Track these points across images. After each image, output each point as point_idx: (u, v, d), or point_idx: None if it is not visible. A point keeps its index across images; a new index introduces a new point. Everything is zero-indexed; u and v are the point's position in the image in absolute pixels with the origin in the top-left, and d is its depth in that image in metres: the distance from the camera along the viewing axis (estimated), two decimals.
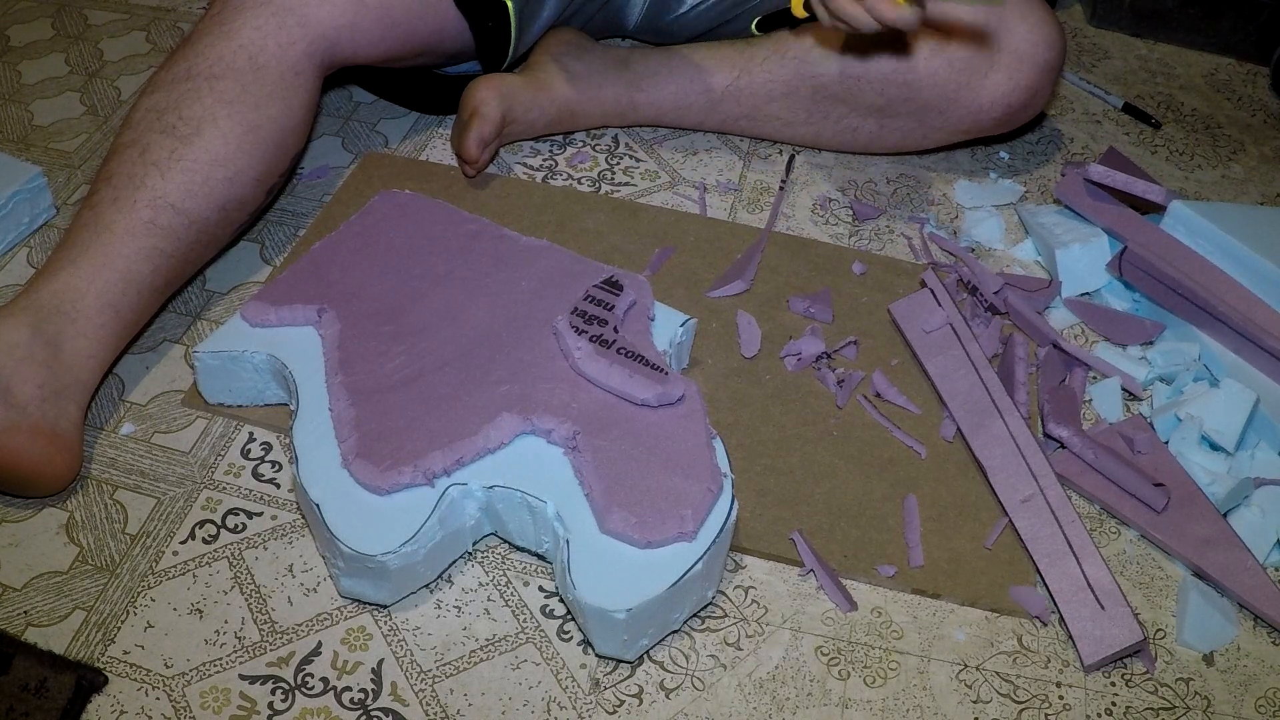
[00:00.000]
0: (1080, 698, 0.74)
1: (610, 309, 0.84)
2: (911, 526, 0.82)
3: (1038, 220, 1.05)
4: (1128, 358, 0.95)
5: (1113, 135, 1.23)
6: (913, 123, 1.08)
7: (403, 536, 0.72)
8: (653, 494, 0.73)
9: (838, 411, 0.89)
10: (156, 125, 0.88)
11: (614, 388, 0.79)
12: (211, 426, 0.87)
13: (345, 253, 0.90)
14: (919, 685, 0.74)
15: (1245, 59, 1.36)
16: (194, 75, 0.89)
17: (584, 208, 1.06)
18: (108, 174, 0.88)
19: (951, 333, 0.93)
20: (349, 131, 1.15)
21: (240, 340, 0.84)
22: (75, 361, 0.81)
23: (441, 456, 0.75)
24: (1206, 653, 0.77)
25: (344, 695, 0.72)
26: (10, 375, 0.77)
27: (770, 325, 0.95)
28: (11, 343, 0.79)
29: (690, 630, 0.76)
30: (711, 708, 0.72)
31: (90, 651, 0.73)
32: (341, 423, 0.78)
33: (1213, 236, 0.93)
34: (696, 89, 1.11)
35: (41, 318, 0.80)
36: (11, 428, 0.76)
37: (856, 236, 1.07)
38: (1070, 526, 0.80)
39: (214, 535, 0.80)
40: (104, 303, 0.83)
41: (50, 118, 1.15)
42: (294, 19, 0.92)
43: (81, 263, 0.83)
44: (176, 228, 0.86)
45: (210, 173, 0.87)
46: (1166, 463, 0.86)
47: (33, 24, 1.28)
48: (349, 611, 0.76)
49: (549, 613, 0.77)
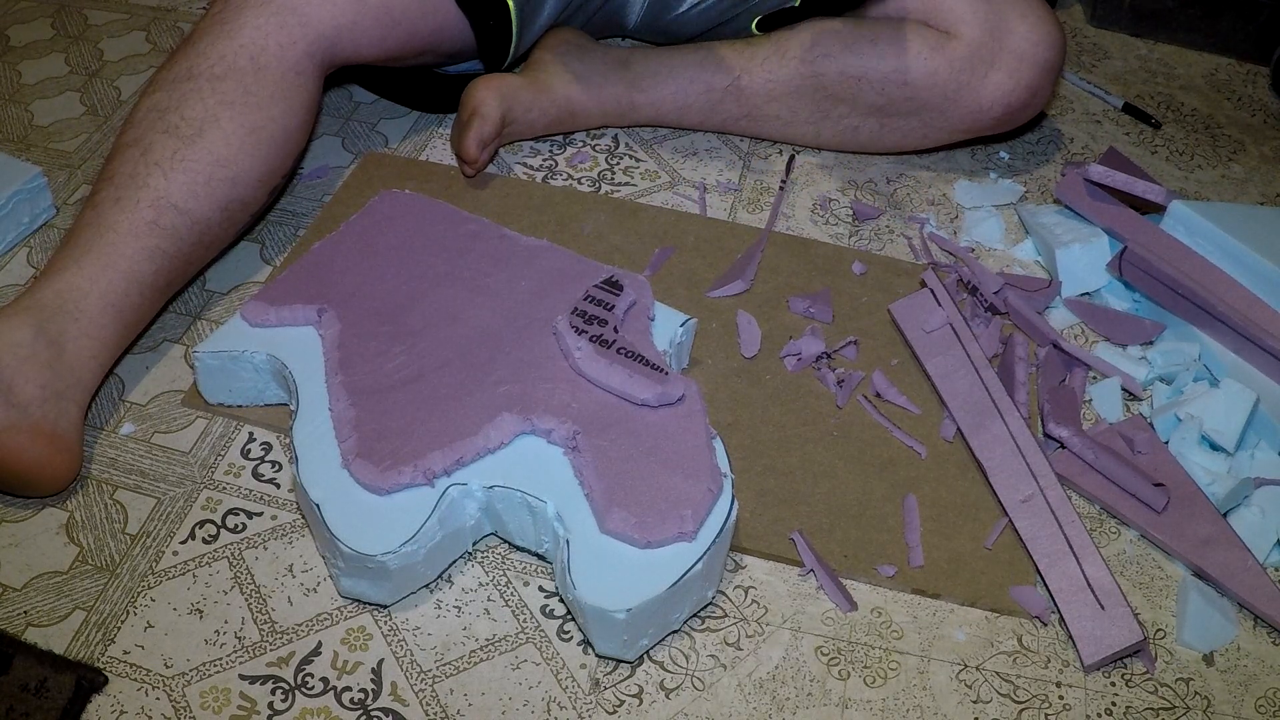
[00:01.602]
0: (1080, 698, 0.74)
1: (610, 309, 0.84)
2: (911, 526, 0.82)
3: (1038, 220, 1.05)
4: (1128, 358, 0.95)
5: (1113, 135, 1.23)
6: (913, 122, 1.08)
7: (403, 536, 0.72)
8: (653, 494, 0.73)
9: (838, 411, 0.89)
10: (158, 125, 0.88)
11: (614, 388, 0.79)
12: (211, 426, 0.87)
13: (345, 253, 0.90)
14: (919, 685, 0.74)
15: (1245, 59, 1.36)
16: (196, 75, 0.89)
17: (584, 208, 1.06)
18: (110, 174, 0.88)
19: (951, 333, 0.93)
20: (349, 131, 1.15)
21: (240, 340, 0.84)
22: (78, 362, 0.81)
23: (441, 456, 0.75)
24: (1206, 653, 0.77)
25: (344, 695, 0.72)
26: (13, 374, 0.77)
27: (770, 325, 0.95)
28: (14, 342, 0.79)
29: (690, 630, 0.76)
30: (711, 708, 0.72)
31: (90, 651, 0.73)
32: (341, 423, 0.78)
33: (1213, 236, 0.93)
34: (697, 89, 1.11)
35: (45, 317, 0.80)
36: (12, 427, 0.76)
37: (856, 236, 1.07)
38: (1070, 526, 0.80)
39: (214, 535, 0.80)
40: (107, 303, 0.83)
41: (50, 118, 1.15)
42: (295, 19, 0.92)
43: (85, 262, 0.83)
44: (179, 228, 0.86)
45: (213, 173, 0.87)
46: (1166, 463, 0.86)
47: (33, 24, 1.28)
48: (349, 611, 0.76)
49: (549, 613, 0.77)
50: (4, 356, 0.78)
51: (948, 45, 1.03)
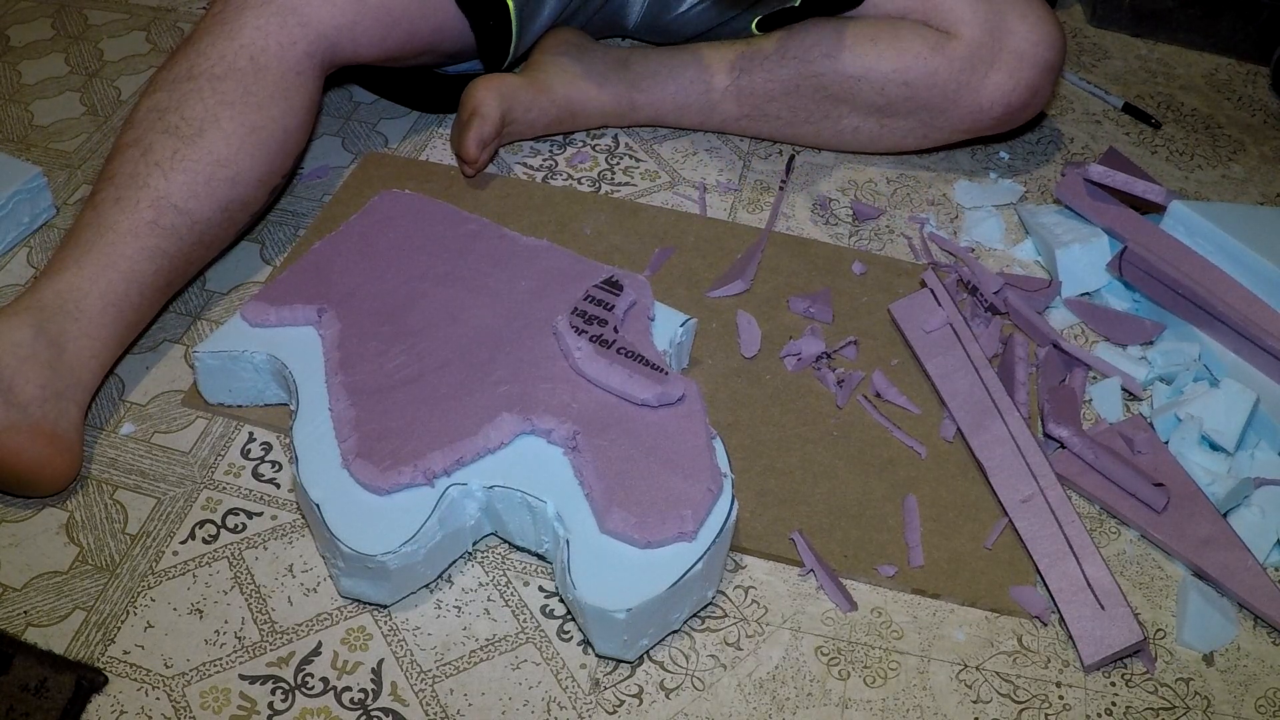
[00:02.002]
0: (1080, 698, 0.74)
1: (610, 309, 0.84)
2: (911, 526, 0.82)
3: (1038, 220, 1.05)
4: (1128, 358, 0.95)
5: (1113, 135, 1.23)
6: (913, 122, 1.08)
7: (403, 536, 0.72)
8: (653, 494, 0.73)
9: (838, 411, 0.89)
10: (159, 125, 0.88)
11: (614, 388, 0.79)
12: (211, 426, 0.87)
13: (345, 253, 0.90)
14: (919, 685, 0.74)
15: (1245, 59, 1.36)
16: (196, 75, 0.90)
17: (584, 208, 1.06)
18: (110, 174, 0.88)
19: (951, 333, 0.93)
20: (349, 131, 1.15)
21: (240, 340, 0.84)
22: (78, 362, 0.81)
23: (441, 456, 0.75)
24: (1206, 653, 0.77)
25: (344, 695, 0.72)
26: (13, 374, 0.77)
27: (770, 325, 0.95)
28: (15, 342, 0.79)
29: (690, 630, 0.76)
30: (711, 708, 0.72)
31: (90, 651, 0.73)
32: (341, 423, 0.78)
33: (1213, 236, 0.93)
34: (697, 89, 1.11)
35: (45, 317, 0.80)
36: (12, 427, 0.76)
37: (856, 236, 1.06)
38: (1070, 526, 0.80)
39: (214, 535, 0.80)
40: (107, 303, 0.83)
41: (50, 118, 1.15)
42: (295, 19, 0.92)
43: (85, 262, 0.83)
44: (179, 228, 0.86)
45: (213, 173, 0.88)
46: (1166, 463, 0.86)
47: (33, 24, 1.28)
48: (349, 611, 0.76)
49: (549, 613, 0.77)
50: (4, 356, 0.78)
51: (948, 45, 1.03)
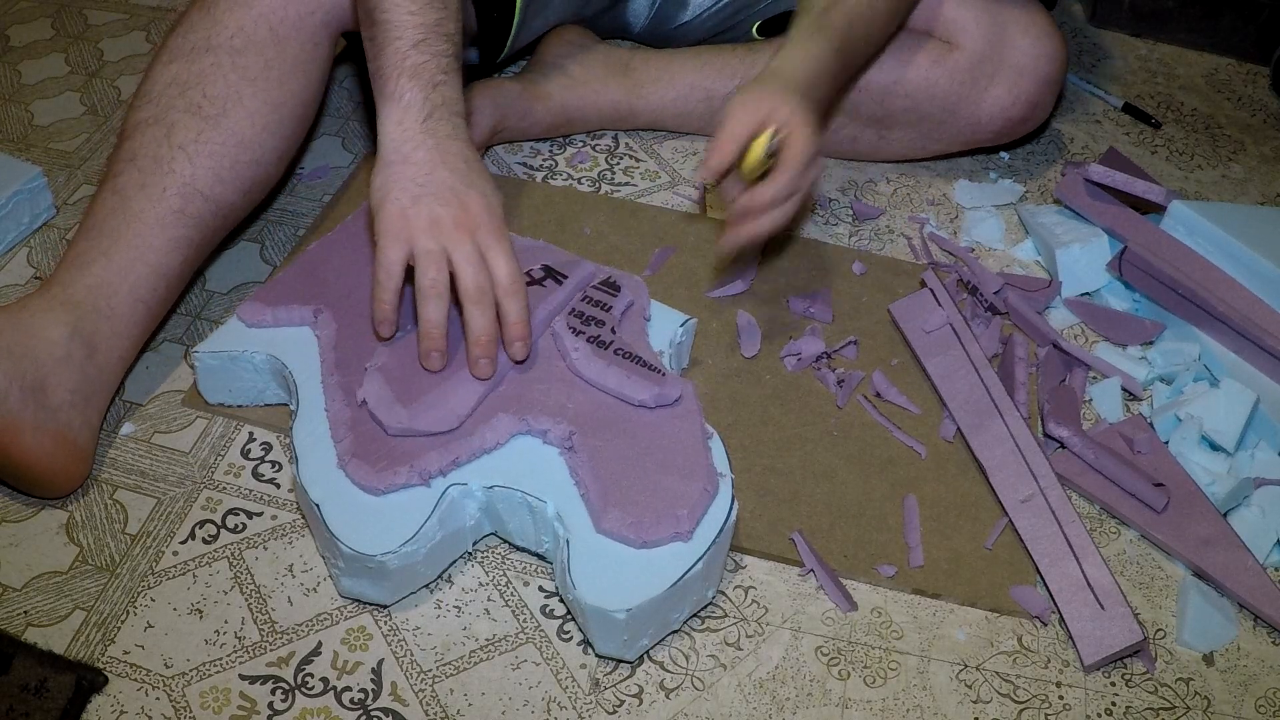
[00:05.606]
0: (1080, 698, 0.74)
1: (608, 310, 0.84)
2: (911, 526, 0.82)
3: (1038, 220, 1.05)
4: (1128, 358, 0.95)
5: (1113, 135, 1.23)
6: (912, 133, 1.08)
7: (402, 537, 0.72)
8: (649, 494, 0.73)
9: (838, 411, 0.89)
10: (180, 103, 0.86)
11: (611, 388, 0.79)
12: (211, 426, 0.87)
13: (341, 253, 0.90)
14: (919, 685, 0.74)
15: (1245, 59, 1.36)
16: (215, 47, 0.87)
17: (584, 208, 1.06)
18: (131, 153, 0.86)
19: (951, 333, 0.93)
20: (349, 131, 1.15)
21: (240, 340, 0.84)
22: (106, 364, 0.81)
23: (437, 457, 0.75)
24: (1206, 653, 0.77)
25: (344, 695, 0.72)
26: (47, 375, 0.77)
27: (770, 325, 0.95)
28: (51, 340, 0.78)
29: (690, 630, 0.76)
30: (711, 708, 0.72)
31: (90, 651, 0.73)
32: (337, 423, 0.77)
33: (1213, 236, 0.93)
34: (697, 95, 1.11)
35: (79, 315, 0.80)
36: (39, 429, 0.76)
37: (856, 236, 1.06)
38: (1070, 526, 0.80)
39: (214, 535, 0.80)
40: (136, 298, 0.83)
41: (50, 118, 1.16)
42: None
43: (114, 254, 0.82)
44: (205, 215, 0.86)
45: (237, 156, 0.87)
46: (1166, 463, 0.86)
47: (33, 24, 1.28)
48: (349, 611, 0.76)
49: (549, 613, 0.77)
50: (40, 354, 0.77)
51: (948, 56, 1.02)
